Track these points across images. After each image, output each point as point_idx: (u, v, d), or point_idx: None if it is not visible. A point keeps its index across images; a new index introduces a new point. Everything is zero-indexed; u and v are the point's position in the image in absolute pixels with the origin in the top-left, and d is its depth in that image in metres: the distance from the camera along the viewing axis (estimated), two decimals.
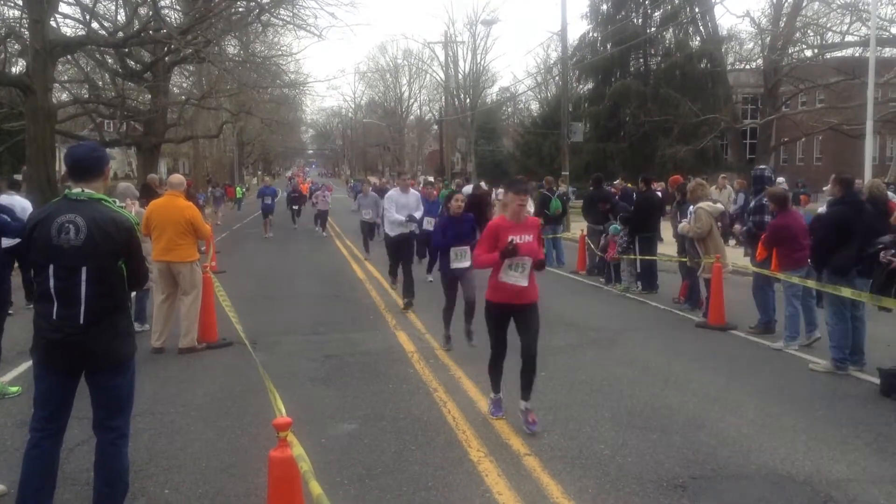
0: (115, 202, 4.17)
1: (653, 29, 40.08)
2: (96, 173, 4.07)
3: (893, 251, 6.91)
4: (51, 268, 3.90)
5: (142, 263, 4.16)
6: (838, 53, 31.26)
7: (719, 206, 10.62)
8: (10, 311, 7.39)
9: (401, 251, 11.49)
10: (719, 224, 10.46)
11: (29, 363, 5.09)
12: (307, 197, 33.46)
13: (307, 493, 3.28)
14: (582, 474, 4.96)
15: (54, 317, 3.89)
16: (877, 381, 6.94)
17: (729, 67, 37.69)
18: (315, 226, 27.49)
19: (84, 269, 3.88)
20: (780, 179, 10.11)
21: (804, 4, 30.84)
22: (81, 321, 3.88)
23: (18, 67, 24.05)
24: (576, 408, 6.40)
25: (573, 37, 41.18)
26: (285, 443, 3.65)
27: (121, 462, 4.14)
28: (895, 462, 5.17)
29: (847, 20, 29.03)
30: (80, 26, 23.12)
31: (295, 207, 29.55)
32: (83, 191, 3.99)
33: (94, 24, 22.26)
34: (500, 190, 23.76)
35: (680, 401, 6.58)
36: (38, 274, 3.96)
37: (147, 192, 10.66)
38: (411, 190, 11.96)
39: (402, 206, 11.34)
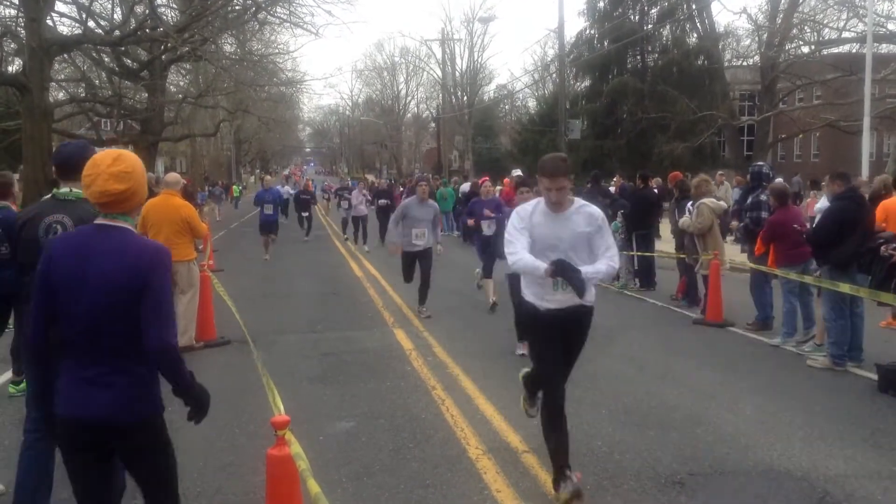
0: None
1: (650, 26, 40.04)
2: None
3: (895, 245, 6.91)
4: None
5: None
6: (835, 50, 31.27)
7: (723, 203, 10.61)
8: None
9: (571, 344, 4.82)
10: (719, 221, 10.47)
11: None
12: (313, 195, 27.15)
13: (305, 491, 3.28)
14: (580, 471, 4.95)
15: None
16: (874, 376, 6.95)
17: (726, 64, 37.64)
18: (344, 234, 23.17)
19: None
20: (780, 180, 10.12)
21: (801, 1, 30.85)
22: None
23: (15, 66, 23.97)
24: (573, 405, 6.38)
25: (570, 34, 41.20)
26: (283, 441, 3.65)
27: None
28: (892, 458, 5.18)
29: (844, 16, 29.05)
30: (77, 25, 23.04)
31: (305, 214, 23.71)
32: (71, 190, 3.93)
33: (91, 23, 22.16)
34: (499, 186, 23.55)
35: (677, 397, 6.59)
36: (26, 275, 3.88)
37: None
38: (576, 203, 4.71)
39: (550, 246, 4.56)
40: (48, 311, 2.86)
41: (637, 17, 40.52)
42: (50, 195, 4.02)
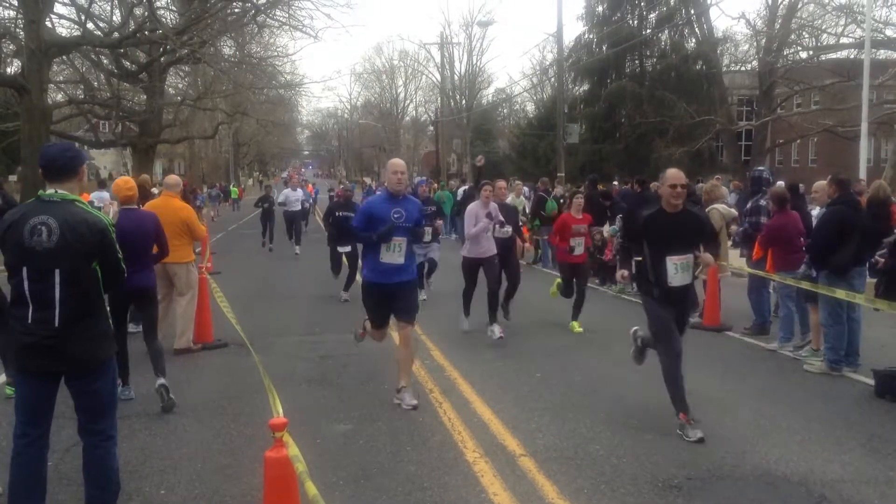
0: (90, 203, 4.12)
1: (648, 31, 40.10)
2: (69, 173, 3.97)
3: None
4: (24, 270, 3.82)
5: (118, 264, 4.07)
6: (833, 55, 31.32)
7: (733, 210, 10.59)
8: None
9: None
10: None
11: None
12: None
13: (303, 493, 3.28)
14: (577, 475, 4.96)
15: (29, 320, 3.82)
16: (871, 381, 6.96)
17: (724, 69, 37.73)
18: (422, 290, 11.41)
19: (57, 272, 3.81)
20: (781, 183, 10.11)
21: (799, 6, 30.92)
22: (57, 324, 3.81)
23: (14, 68, 23.99)
24: (571, 408, 6.41)
25: (569, 38, 41.40)
26: (281, 443, 3.66)
27: (108, 463, 4.09)
28: (889, 463, 5.19)
29: (842, 22, 29.17)
30: (76, 27, 23.10)
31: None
32: (56, 192, 3.90)
33: (90, 25, 22.19)
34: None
35: None
36: (12, 276, 3.88)
37: (141, 193, 10.62)
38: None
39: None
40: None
41: (635, 22, 40.61)
42: (35, 197, 3.99)
